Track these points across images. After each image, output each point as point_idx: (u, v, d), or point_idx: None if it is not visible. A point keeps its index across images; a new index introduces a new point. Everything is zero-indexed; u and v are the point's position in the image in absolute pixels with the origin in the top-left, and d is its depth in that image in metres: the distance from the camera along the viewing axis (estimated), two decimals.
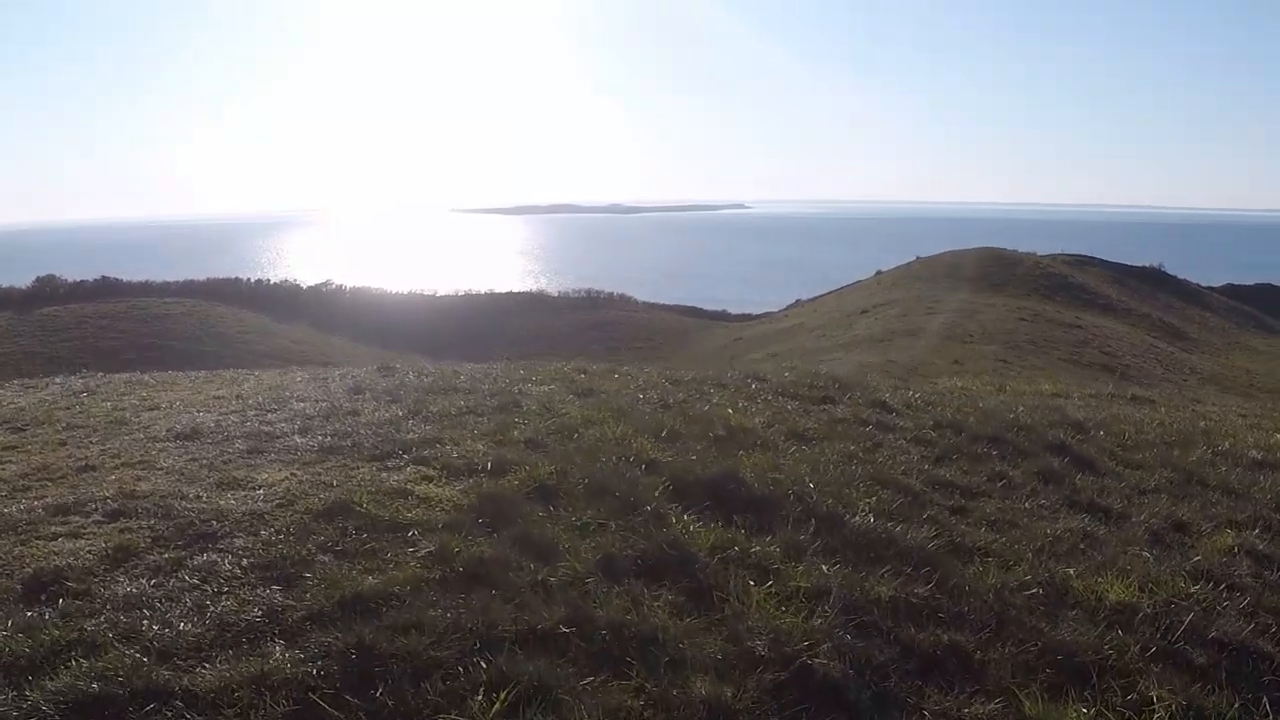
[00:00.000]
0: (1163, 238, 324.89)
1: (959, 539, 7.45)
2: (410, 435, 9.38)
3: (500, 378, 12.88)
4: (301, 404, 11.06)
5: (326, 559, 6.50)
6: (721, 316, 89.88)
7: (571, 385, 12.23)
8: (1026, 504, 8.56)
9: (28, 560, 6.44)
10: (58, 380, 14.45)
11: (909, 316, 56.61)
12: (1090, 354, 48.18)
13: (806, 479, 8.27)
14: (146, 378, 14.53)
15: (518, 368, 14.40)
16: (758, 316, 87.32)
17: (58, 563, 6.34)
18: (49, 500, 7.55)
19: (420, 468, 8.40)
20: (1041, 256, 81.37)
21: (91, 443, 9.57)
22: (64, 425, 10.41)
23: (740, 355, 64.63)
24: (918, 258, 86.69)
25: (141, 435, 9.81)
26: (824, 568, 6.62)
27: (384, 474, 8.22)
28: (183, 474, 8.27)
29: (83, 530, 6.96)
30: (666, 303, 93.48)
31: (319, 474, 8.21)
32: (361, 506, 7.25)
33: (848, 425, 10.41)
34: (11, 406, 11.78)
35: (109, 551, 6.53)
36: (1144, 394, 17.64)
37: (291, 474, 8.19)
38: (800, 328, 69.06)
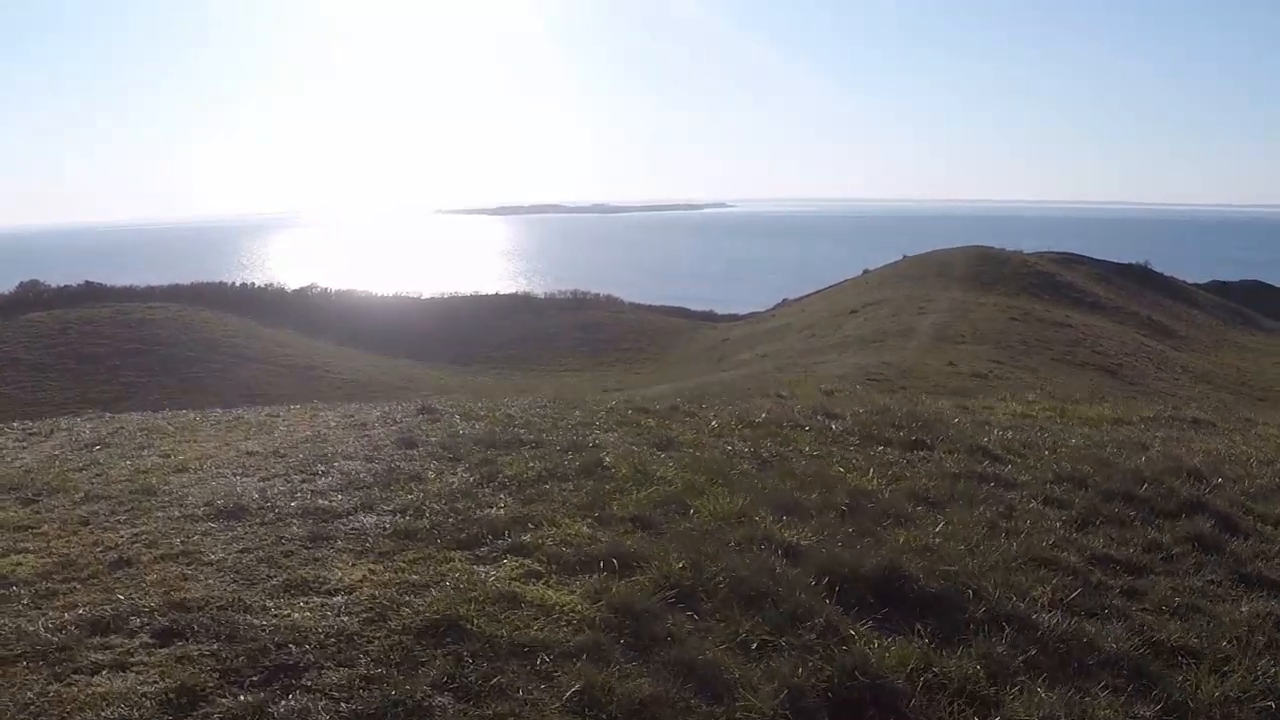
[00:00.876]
0: (1144, 234, 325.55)
1: (1152, 635, 6.70)
2: (494, 512, 7.98)
3: (563, 422, 11.44)
4: (350, 463, 9.58)
5: (446, 701, 5.24)
6: (708, 317, 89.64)
7: (644, 433, 11.03)
8: (1197, 581, 7.76)
9: (71, 709, 5.05)
10: (63, 425, 13.16)
11: (899, 317, 56.47)
12: (1082, 354, 48.11)
13: (969, 564, 7.32)
14: (163, 423, 12.71)
15: (573, 407, 12.65)
16: (744, 316, 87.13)
17: (109, 714, 5.01)
18: (82, 612, 6.10)
19: (521, 560, 7.07)
20: (1029, 255, 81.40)
21: (119, 522, 8.07)
22: (81, 495, 8.87)
23: (729, 356, 64.47)
24: (905, 256, 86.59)
25: (176, 511, 8.25)
26: (1041, 692, 5.75)
27: (480, 569, 6.87)
28: (238, 571, 6.82)
29: (130, 658, 5.57)
30: (653, 303, 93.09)
31: (402, 570, 6.84)
32: (471, 622, 6.00)
33: (968, 483, 9.49)
34: (17, 466, 10.19)
35: (169, 694, 5.16)
36: (1202, 416, 16.68)
37: (370, 570, 6.83)
38: (788, 328, 68.88)
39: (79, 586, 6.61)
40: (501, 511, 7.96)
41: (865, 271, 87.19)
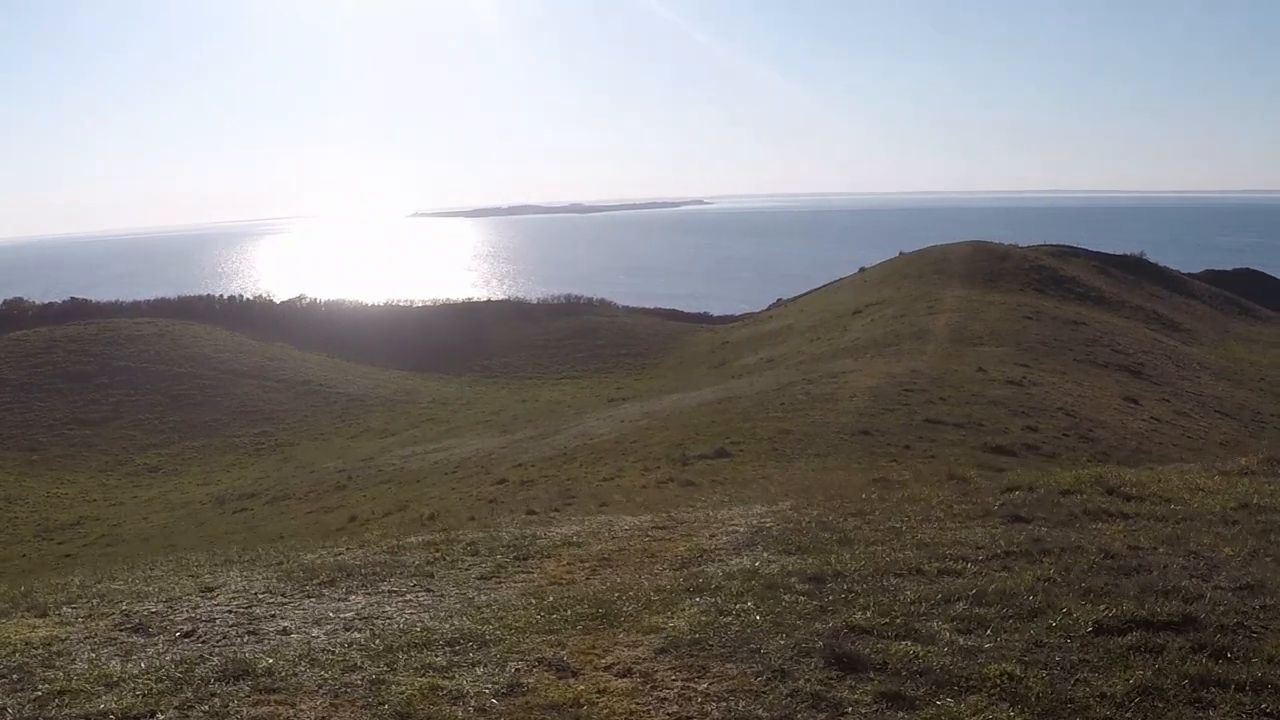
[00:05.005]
0: (1121, 222, 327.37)
1: None
2: None
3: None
4: None
5: None
6: (704, 319, 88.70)
7: (790, 550, 9.44)
8: None
9: None
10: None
11: (907, 317, 55.45)
12: (1102, 353, 47.24)
13: None
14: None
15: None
16: (740, 317, 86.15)
17: None
18: None
19: None
20: (1026, 249, 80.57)
21: None
22: None
23: (731, 360, 63.45)
24: (901, 253, 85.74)
25: None
26: None
27: None
28: None
29: None
30: (642, 305, 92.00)
31: None
32: None
33: None
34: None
35: None
36: None
37: None
38: (789, 330, 67.92)
39: None
40: None
41: (861, 269, 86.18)
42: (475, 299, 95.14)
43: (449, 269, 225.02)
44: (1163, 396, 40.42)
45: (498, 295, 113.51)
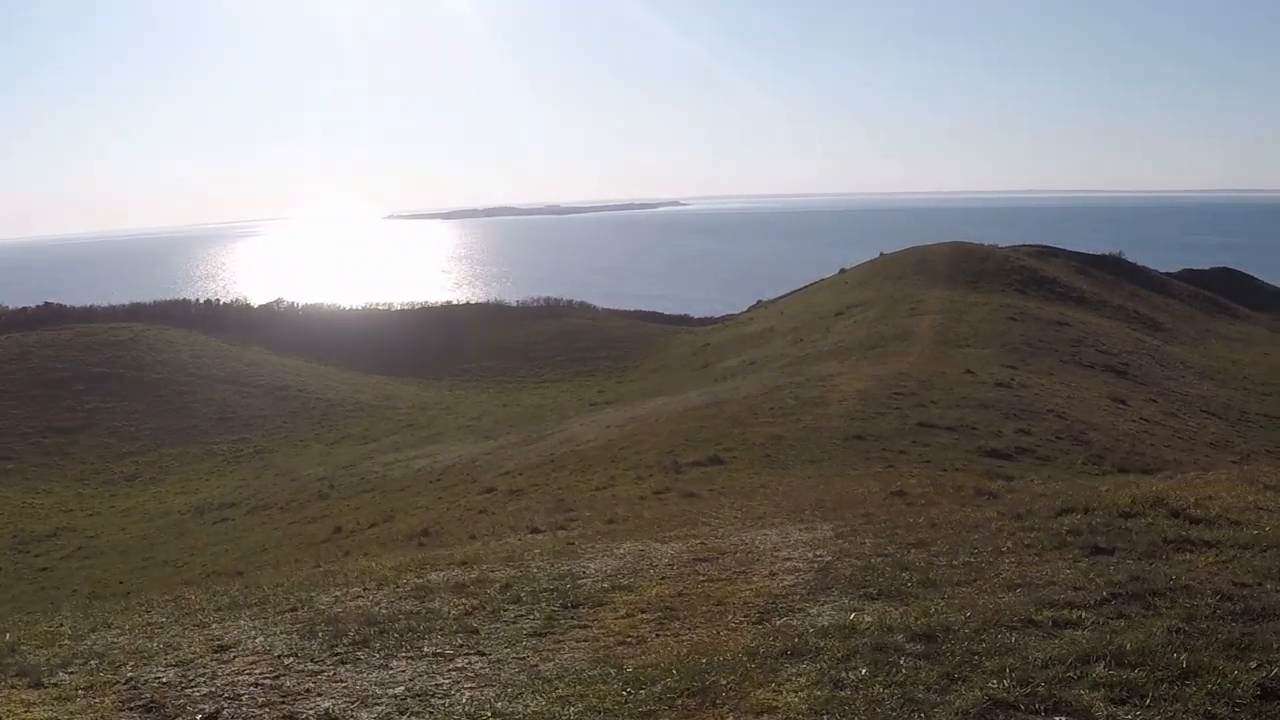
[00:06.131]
0: (1099, 222, 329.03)
1: None
2: None
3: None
4: None
5: None
6: (684, 321, 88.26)
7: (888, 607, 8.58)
8: None
9: None
10: None
11: (890, 319, 55.24)
12: (1088, 353, 47.16)
13: None
14: None
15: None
16: (720, 319, 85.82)
17: None
18: None
19: None
20: (1007, 250, 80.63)
21: None
22: None
23: (713, 363, 63.09)
24: (882, 254, 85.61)
25: None
26: None
27: None
28: None
29: None
30: (621, 306, 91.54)
31: None
32: None
33: None
34: None
35: None
36: None
37: None
38: (771, 332, 67.62)
39: None
40: None
41: (842, 270, 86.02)
42: (454, 302, 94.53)
43: (426, 271, 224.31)
44: (1150, 397, 40.33)
45: (476, 298, 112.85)
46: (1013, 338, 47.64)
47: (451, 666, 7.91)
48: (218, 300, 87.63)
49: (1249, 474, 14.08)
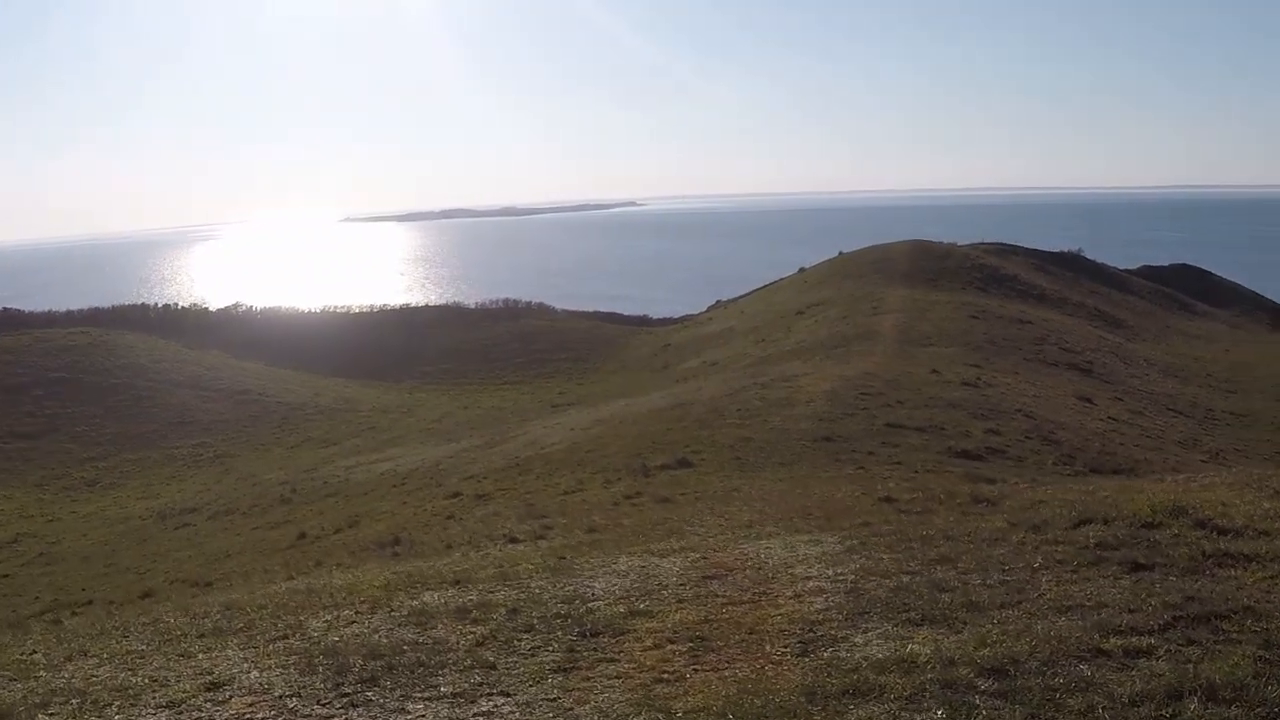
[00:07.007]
0: (1057, 219, 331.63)
1: None
2: None
3: None
4: None
5: None
6: (643, 321, 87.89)
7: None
8: None
9: None
10: None
11: (852, 318, 55.20)
12: (1051, 351, 47.29)
13: None
14: None
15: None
16: (679, 319, 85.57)
17: None
18: None
19: None
20: (966, 248, 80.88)
21: None
22: None
23: (674, 364, 62.86)
24: (841, 253, 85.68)
25: None
26: None
27: None
28: None
29: None
30: (580, 308, 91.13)
31: None
32: None
33: None
34: None
35: None
36: None
37: None
38: (732, 332, 67.48)
39: None
40: None
41: (801, 269, 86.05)
42: (412, 304, 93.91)
43: (383, 274, 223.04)
44: (1115, 395, 40.44)
45: (434, 300, 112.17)
46: (976, 336, 47.68)
47: (476, 710, 7.19)
48: (176, 304, 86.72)
49: (1245, 477, 13.87)
